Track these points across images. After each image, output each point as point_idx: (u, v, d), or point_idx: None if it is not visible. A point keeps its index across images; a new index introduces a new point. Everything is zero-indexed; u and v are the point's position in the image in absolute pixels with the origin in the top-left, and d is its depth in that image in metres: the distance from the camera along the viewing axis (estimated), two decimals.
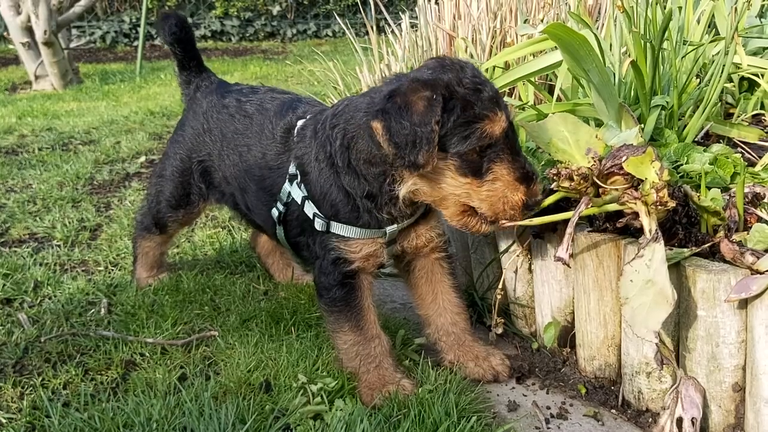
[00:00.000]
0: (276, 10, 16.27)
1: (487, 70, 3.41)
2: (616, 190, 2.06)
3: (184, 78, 3.05)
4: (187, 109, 2.97)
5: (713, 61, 2.63)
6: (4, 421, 2.19)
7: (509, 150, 2.03)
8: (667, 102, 2.60)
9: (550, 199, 2.23)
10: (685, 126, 2.62)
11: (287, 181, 2.40)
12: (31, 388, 2.37)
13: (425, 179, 2.08)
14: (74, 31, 14.40)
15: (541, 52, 3.06)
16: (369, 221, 2.25)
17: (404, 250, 2.40)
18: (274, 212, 2.47)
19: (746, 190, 2.16)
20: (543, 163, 2.58)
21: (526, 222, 2.25)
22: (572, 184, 2.09)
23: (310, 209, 2.31)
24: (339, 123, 2.22)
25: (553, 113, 2.34)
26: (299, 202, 2.35)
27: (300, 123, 2.44)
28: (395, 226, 2.28)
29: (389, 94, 2.01)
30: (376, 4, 4.97)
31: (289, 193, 2.38)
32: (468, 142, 1.98)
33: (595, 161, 2.14)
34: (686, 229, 2.13)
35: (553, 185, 2.15)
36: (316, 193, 2.31)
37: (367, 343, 2.29)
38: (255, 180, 2.57)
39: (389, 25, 5.01)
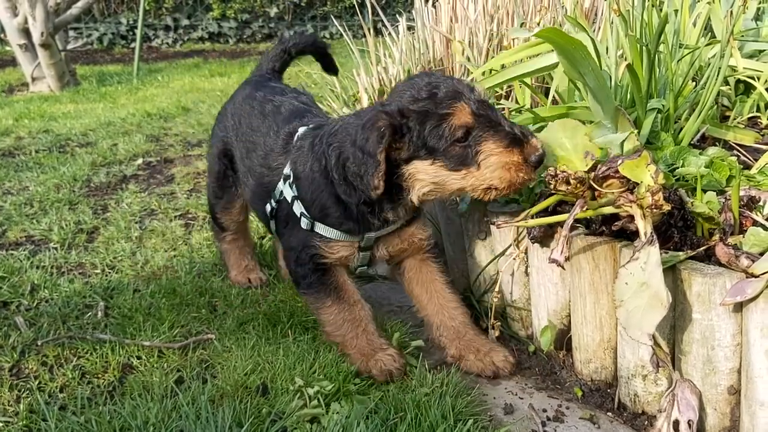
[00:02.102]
0: (273, 12, 16.26)
1: (483, 73, 3.42)
2: (612, 193, 2.07)
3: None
4: (229, 101, 3.19)
5: (709, 64, 2.64)
6: (0, 424, 2.18)
7: (488, 126, 2.15)
8: (663, 105, 2.61)
9: (548, 202, 2.24)
10: (681, 129, 2.62)
11: (282, 180, 2.57)
12: (27, 391, 2.37)
13: (433, 183, 2.24)
14: (71, 33, 14.39)
15: (537, 55, 3.06)
16: (352, 228, 2.44)
17: (390, 254, 2.56)
18: (267, 207, 2.65)
19: (742, 193, 2.17)
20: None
21: (522, 223, 2.26)
22: (569, 187, 2.10)
23: (298, 208, 2.49)
24: (334, 142, 2.38)
25: (553, 121, 2.35)
26: (289, 201, 2.52)
27: (301, 130, 2.62)
28: (373, 233, 2.45)
29: (362, 124, 2.24)
30: (373, 7, 4.97)
31: (282, 191, 2.55)
32: (443, 141, 2.15)
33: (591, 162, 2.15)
34: (682, 232, 2.13)
35: (551, 188, 2.16)
36: (307, 196, 2.48)
37: (350, 307, 2.46)
38: (255, 176, 2.75)
39: (386, 27, 5.02)
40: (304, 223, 2.47)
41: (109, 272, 3.37)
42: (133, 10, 15.42)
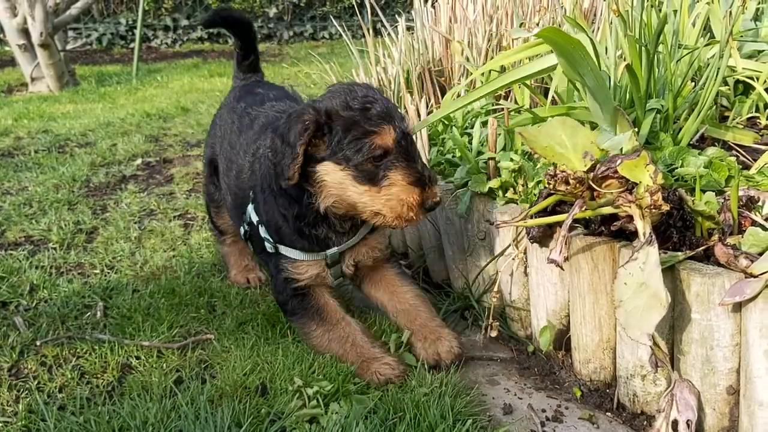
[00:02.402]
0: (273, 12, 16.26)
1: (483, 73, 3.42)
2: (611, 193, 2.07)
3: (236, 75, 3.38)
4: (221, 106, 3.22)
5: (708, 65, 2.64)
6: None
7: (404, 158, 2.24)
8: (662, 105, 2.61)
9: (547, 202, 2.24)
10: (680, 129, 2.62)
11: (250, 202, 2.62)
12: (26, 391, 2.37)
13: (335, 190, 2.30)
14: (70, 33, 14.38)
15: (537, 55, 3.07)
16: (306, 245, 2.48)
17: (356, 266, 2.60)
18: (242, 230, 2.71)
19: (741, 193, 2.17)
20: (539, 166, 2.59)
21: (521, 223, 2.26)
22: (568, 188, 2.10)
23: (263, 232, 2.55)
24: (266, 153, 2.46)
25: (552, 117, 2.35)
26: (255, 224, 2.59)
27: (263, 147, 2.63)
28: (335, 249, 2.50)
29: (289, 115, 2.31)
30: (372, 7, 4.97)
31: (249, 215, 2.62)
32: (360, 154, 2.21)
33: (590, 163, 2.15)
34: (681, 232, 2.13)
35: (550, 188, 2.16)
36: (263, 218, 2.55)
37: (334, 327, 2.48)
38: (232, 194, 2.80)
39: (385, 27, 5.02)
40: (268, 246, 2.53)
41: (108, 272, 3.37)
42: (133, 11, 15.42)
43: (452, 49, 4.14)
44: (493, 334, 2.60)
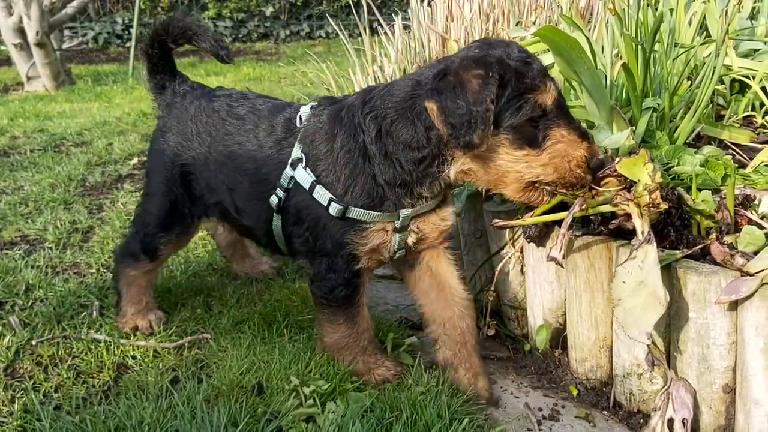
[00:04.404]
0: (269, 11, 16.25)
1: None
2: (609, 191, 2.07)
3: (156, 83, 2.81)
4: (165, 117, 2.74)
5: (704, 63, 2.64)
6: None
7: (564, 116, 2.04)
8: (658, 104, 2.61)
9: (551, 203, 2.21)
10: (677, 128, 2.63)
11: (289, 166, 2.31)
12: (22, 391, 2.36)
13: (478, 159, 2.06)
14: (66, 32, 14.34)
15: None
16: (387, 207, 2.20)
17: (417, 239, 2.32)
18: (273, 200, 2.37)
19: (737, 191, 2.17)
20: None
21: (520, 222, 2.25)
22: (569, 190, 2.09)
23: (322, 194, 2.22)
24: (373, 111, 2.17)
25: None
26: (306, 187, 2.26)
27: (305, 109, 2.39)
28: (409, 210, 2.22)
29: (441, 73, 2.02)
30: (368, 6, 4.97)
31: (292, 177, 2.30)
32: (521, 114, 1.98)
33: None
34: (678, 231, 2.14)
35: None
36: (336, 180, 2.22)
37: (358, 336, 2.35)
38: (248, 174, 2.47)
39: (382, 26, 5.02)
40: (334, 209, 2.18)
41: (104, 272, 3.36)
42: (129, 10, 15.39)
43: (449, 48, 4.14)
44: (490, 332, 2.61)
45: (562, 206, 2.17)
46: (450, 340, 2.36)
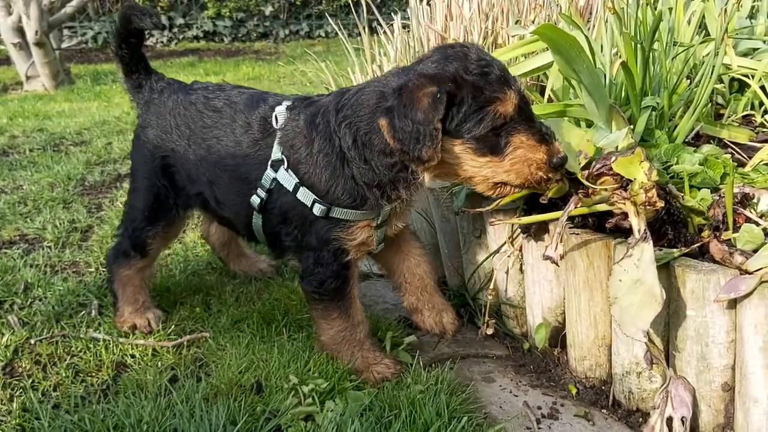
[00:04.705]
0: (268, 10, 16.24)
1: None
2: (605, 190, 2.07)
3: (133, 83, 2.83)
4: (144, 113, 2.76)
5: (703, 62, 2.64)
6: None
7: (524, 120, 2.09)
8: (657, 103, 2.61)
9: (522, 193, 2.23)
10: (676, 127, 2.63)
11: (269, 167, 2.36)
12: (21, 390, 2.36)
13: (445, 165, 2.14)
14: (66, 32, 14.34)
15: (532, 53, 3.07)
16: (368, 206, 2.28)
17: (396, 229, 2.45)
18: (255, 200, 2.42)
19: (736, 190, 2.17)
20: None
21: (515, 220, 2.26)
22: (536, 187, 2.11)
23: (306, 195, 2.29)
24: (347, 119, 2.23)
25: (547, 119, 2.35)
26: (290, 189, 2.32)
27: (279, 109, 2.42)
28: (388, 207, 2.31)
29: (397, 90, 2.08)
30: (368, 5, 4.96)
31: (274, 179, 2.35)
32: (482, 125, 2.04)
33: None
34: (676, 229, 2.14)
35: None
36: (318, 181, 2.29)
37: (353, 328, 2.39)
38: (227, 170, 2.51)
39: (381, 26, 5.01)
40: (318, 209, 2.27)
41: (103, 271, 3.35)
42: None
43: None
44: (489, 331, 2.60)
45: (560, 204, 2.17)
46: (411, 286, 2.57)
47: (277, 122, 2.40)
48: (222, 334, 2.65)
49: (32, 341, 2.65)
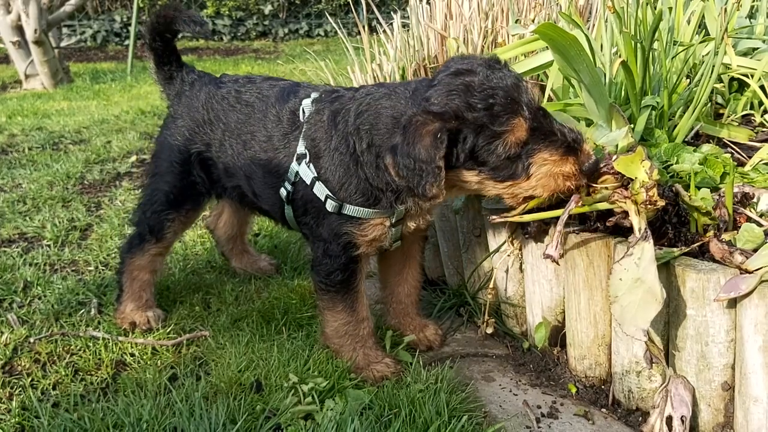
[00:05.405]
0: (268, 9, 16.24)
1: None
2: (606, 188, 2.07)
3: (164, 74, 2.89)
4: (176, 104, 2.81)
5: (703, 62, 2.64)
6: None
7: (543, 137, 2.04)
8: (657, 102, 2.61)
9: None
10: (675, 126, 2.63)
11: (294, 160, 2.39)
12: (20, 388, 2.36)
13: (470, 189, 2.18)
14: (65, 30, 14.33)
15: (532, 52, 3.07)
16: (385, 206, 2.29)
17: (413, 228, 2.43)
18: (283, 192, 2.46)
19: (736, 189, 2.17)
20: None
21: (517, 219, 2.25)
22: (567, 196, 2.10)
23: (320, 190, 2.32)
24: (364, 125, 2.23)
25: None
26: (308, 182, 2.35)
27: (306, 102, 2.44)
28: (402, 207, 2.30)
29: (404, 124, 2.05)
30: (367, 4, 4.96)
31: (297, 172, 2.38)
32: (495, 157, 2.03)
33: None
34: (676, 228, 2.14)
35: None
36: (332, 177, 2.31)
37: (357, 324, 2.41)
38: (261, 165, 2.55)
39: (381, 24, 5.01)
40: (330, 205, 2.29)
41: (103, 269, 3.36)
42: (127, 8, 15.38)
43: (447, 46, 4.13)
44: (489, 330, 2.60)
45: (559, 203, 2.17)
46: (395, 311, 2.68)
47: (304, 115, 2.43)
48: (221, 333, 2.65)
49: (31, 340, 2.65)
